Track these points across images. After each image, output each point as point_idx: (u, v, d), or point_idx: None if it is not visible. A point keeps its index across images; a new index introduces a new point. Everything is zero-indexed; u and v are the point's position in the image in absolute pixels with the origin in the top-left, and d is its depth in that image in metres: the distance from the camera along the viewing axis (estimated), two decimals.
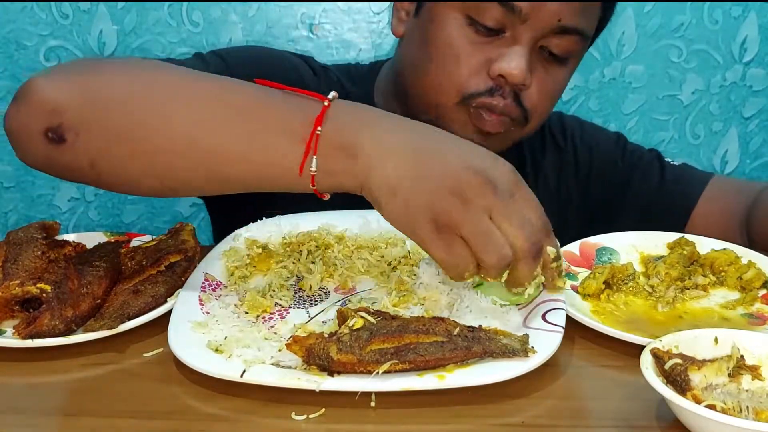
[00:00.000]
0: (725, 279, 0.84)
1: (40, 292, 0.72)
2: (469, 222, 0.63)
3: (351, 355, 0.62)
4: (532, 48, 0.91)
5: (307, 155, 0.67)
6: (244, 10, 1.70)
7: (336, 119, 0.68)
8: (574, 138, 1.17)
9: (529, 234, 0.65)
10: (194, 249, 0.85)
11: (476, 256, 0.64)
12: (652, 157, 1.16)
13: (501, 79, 0.92)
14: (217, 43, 1.71)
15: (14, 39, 1.68)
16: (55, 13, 1.67)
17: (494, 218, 0.64)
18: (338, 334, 0.64)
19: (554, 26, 0.90)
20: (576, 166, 1.16)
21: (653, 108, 1.83)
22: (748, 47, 1.79)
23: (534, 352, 0.64)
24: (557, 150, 1.17)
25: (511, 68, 0.90)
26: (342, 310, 0.68)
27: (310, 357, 0.63)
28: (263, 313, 0.75)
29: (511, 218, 0.64)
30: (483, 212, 0.63)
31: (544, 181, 1.15)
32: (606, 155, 1.16)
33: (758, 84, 1.82)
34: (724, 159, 1.89)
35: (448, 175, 0.64)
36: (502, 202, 0.64)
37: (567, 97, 1.79)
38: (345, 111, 0.69)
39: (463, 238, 0.64)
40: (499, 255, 0.64)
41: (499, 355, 0.64)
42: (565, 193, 1.16)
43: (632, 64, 1.79)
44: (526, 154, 1.15)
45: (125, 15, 1.68)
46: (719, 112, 1.85)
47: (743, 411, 0.57)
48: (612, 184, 1.15)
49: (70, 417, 0.61)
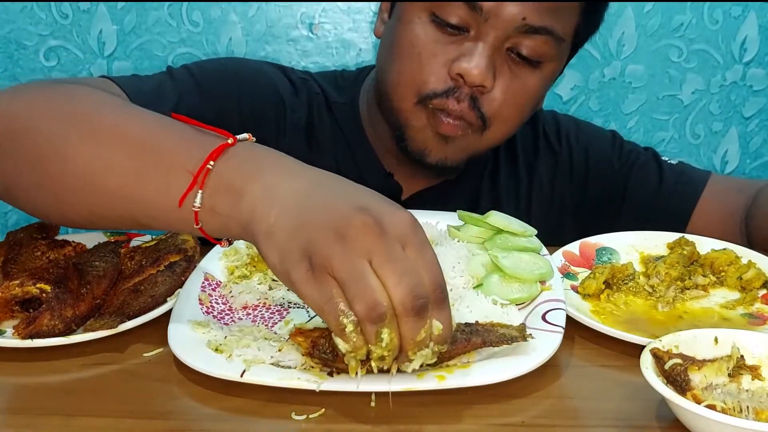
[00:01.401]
0: (725, 279, 0.84)
1: (40, 292, 0.72)
2: (342, 261, 0.54)
3: None
4: (496, 48, 0.89)
5: (192, 187, 0.62)
6: (244, 10, 1.70)
7: (235, 158, 0.63)
8: (569, 140, 1.16)
9: (412, 287, 0.54)
10: (194, 249, 0.85)
11: (347, 301, 0.55)
12: (649, 157, 1.14)
13: (460, 79, 0.90)
14: (216, 43, 1.71)
15: (14, 39, 1.68)
16: (55, 13, 1.67)
17: (374, 263, 0.55)
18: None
19: (519, 25, 0.88)
20: (571, 169, 1.15)
21: (653, 108, 1.83)
22: (748, 47, 1.79)
23: (532, 338, 0.64)
24: (551, 153, 1.15)
25: (470, 67, 0.88)
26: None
27: (314, 350, 0.62)
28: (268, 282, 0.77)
29: (394, 265, 0.55)
30: (361, 254, 0.55)
31: (538, 184, 1.14)
32: (602, 157, 1.15)
33: (758, 84, 1.82)
34: (724, 159, 1.89)
35: (332, 215, 0.56)
36: (385, 247, 0.55)
37: (567, 97, 1.79)
38: (248, 153, 0.64)
39: (336, 280, 0.55)
40: (370, 301, 0.54)
41: (498, 343, 0.64)
42: (560, 196, 1.14)
43: (632, 64, 1.79)
44: (520, 157, 1.14)
45: (125, 15, 1.68)
46: (719, 111, 1.85)
47: (743, 411, 0.57)
48: (609, 187, 1.14)
49: (70, 417, 0.61)
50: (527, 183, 1.13)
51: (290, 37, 1.73)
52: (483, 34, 0.89)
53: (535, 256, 0.80)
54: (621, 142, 1.16)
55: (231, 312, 0.76)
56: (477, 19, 0.88)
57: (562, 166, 1.15)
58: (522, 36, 0.89)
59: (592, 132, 1.19)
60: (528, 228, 0.84)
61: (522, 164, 1.14)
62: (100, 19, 1.68)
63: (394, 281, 0.54)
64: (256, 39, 1.72)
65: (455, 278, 0.77)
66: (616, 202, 1.14)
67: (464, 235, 0.84)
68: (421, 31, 0.91)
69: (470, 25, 0.89)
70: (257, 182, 0.61)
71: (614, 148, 1.15)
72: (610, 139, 1.17)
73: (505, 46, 0.90)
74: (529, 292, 0.75)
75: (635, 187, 1.12)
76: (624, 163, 1.14)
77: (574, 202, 1.15)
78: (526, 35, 0.89)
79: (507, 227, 0.83)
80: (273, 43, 1.72)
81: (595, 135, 1.18)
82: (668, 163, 1.14)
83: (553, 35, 0.90)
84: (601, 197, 1.14)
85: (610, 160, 1.14)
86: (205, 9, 1.69)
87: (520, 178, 1.13)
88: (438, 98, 0.91)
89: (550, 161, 1.14)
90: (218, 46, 1.72)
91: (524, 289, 0.76)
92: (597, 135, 1.18)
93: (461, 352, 0.64)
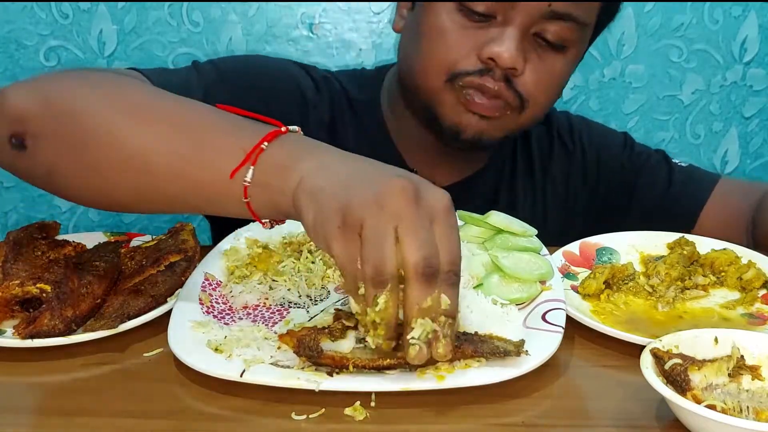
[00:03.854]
0: (725, 279, 0.84)
1: (40, 292, 0.73)
2: (371, 222, 0.57)
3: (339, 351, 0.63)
4: (524, 33, 0.91)
5: (244, 163, 0.65)
6: (244, 9, 1.70)
7: (287, 143, 0.67)
8: (582, 140, 1.17)
9: (427, 255, 0.56)
10: (194, 249, 0.85)
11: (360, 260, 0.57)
12: (659, 158, 1.15)
13: (491, 62, 0.91)
14: (216, 43, 1.71)
15: (14, 39, 1.68)
16: (55, 13, 1.67)
17: (399, 228, 0.57)
18: (330, 328, 0.64)
19: (545, 11, 0.89)
20: (584, 169, 1.16)
21: (653, 108, 1.83)
22: (748, 47, 1.79)
23: (527, 354, 0.63)
24: (565, 153, 1.16)
25: (501, 51, 0.89)
26: (339, 309, 0.68)
27: (300, 348, 0.63)
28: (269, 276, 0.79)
29: (417, 233, 0.56)
30: (390, 219, 0.57)
31: (552, 184, 1.14)
32: (613, 157, 1.16)
33: (758, 84, 1.82)
34: (724, 159, 1.89)
35: (375, 181, 0.59)
36: (415, 215, 0.57)
37: (567, 97, 1.79)
38: (300, 140, 0.68)
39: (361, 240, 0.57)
40: (378, 265, 0.56)
41: (489, 355, 0.63)
42: (573, 195, 1.16)
43: (632, 64, 1.79)
44: (535, 158, 1.15)
45: (125, 15, 1.68)
46: (719, 111, 1.85)
47: (743, 411, 0.57)
48: (619, 187, 1.15)
49: (70, 417, 0.61)
50: (542, 184, 1.14)
51: (290, 37, 1.73)
52: (510, 19, 0.90)
53: (535, 256, 0.80)
54: (632, 144, 1.17)
55: (231, 312, 0.76)
56: (504, 6, 0.89)
57: (576, 167, 1.16)
58: (547, 22, 0.90)
59: (604, 133, 1.20)
60: (528, 228, 0.84)
61: (538, 165, 1.15)
62: (101, 19, 1.68)
63: (412, 247, 0.56)
64: (257, 39, 1.72)
65: None
66: (624, 202, 1.14)
67: (464, 235, 0.84)
68: (448, 18, 0.92)
69: (496, 11, 0.90)
70: (306, 161, 0.64)
71: (626, 149, 1.16)
72: (622, 140, 1.18)
73: (531, 31, 0.91)
74: (529, 292, 0.75)
75: (644, 187, 1.13)
76: (634, 163, 1.15)
77: (585, 200, 1.16)
78: (551, 21, 0.90)
79: (507, 227, 0.83)
80: (273, 43, 1.72)
81: (607, 136, 1.19)
82: (679, 165, 1.14)
83: (577, 21, 0.92)
84: (610, 198, 1.15)
85: (621, 161, 1.15)
86: (205, 9, 1.69)
87: (535, 179, 1.14)
88: (471, 76, 0.92)
89: (565, 162, 1.16)
90: (218, 46, 1.72)
91: (524, 289, 0.76)
92: (609, 136, 1.19)
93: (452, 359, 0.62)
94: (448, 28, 0.92)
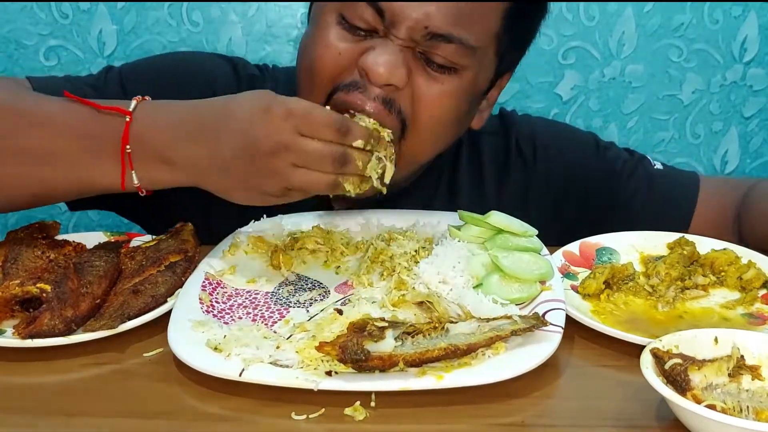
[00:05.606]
0: (725, 279, 0.84)
1: (40, 292, 0.73)
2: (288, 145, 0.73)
3: None
4: (406, 49, 0.85)
5: (125, 172, 0.78)
6: (243, 10, 1.70)
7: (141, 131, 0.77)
8: (547, 154, 1.08)
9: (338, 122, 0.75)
10: (194, 249, 0.85)
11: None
12: (636, 162, 1.08)
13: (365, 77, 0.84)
14: (216, 43, 1.71)
15: (14, 39, 1.68)
16: (55, 13, 1.67)
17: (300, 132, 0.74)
18: (368, 329, 0.64)
19: (423, 33, 0.83)
20: (548, 185, 1.08)
21: (653, 108, 1.83)
22: (748, 47, 1.79)
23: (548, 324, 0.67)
24: (524, 169, 1.08)
25: (377, 63, 0.83)
26: (339, 309, 0.69)
27: (345, 355, 0.62)
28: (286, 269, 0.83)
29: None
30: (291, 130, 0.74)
31: (508, 200, 1.06)
32: (584, 171, 1.08)
33: (758, 84, 1.82)
34: (724, 159, 1.89)
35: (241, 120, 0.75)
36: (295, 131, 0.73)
37: (567, 97, 1.79)
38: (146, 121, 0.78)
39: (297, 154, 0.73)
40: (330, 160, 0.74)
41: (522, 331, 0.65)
42: (536, 208, 1.05)
43: (632, 64, 1.79)
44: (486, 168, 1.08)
45: (125, 15, 1.68)
46: (719, 111, 1.85)
47: (743, 411, 0.57)
48: (593, 200, 1.08)
49: (70, 417, 0.61)
50: (496, 196, 1.07)
51: (290, 37, 1.73)
52: (389, 35, 0.85)
53: (535, 256, 0.80)
54: (604, 149, 1.11)
55: (231, 311, 0.76)
56: (383, 23, 0.85)
57: (537, 181, 1.08)
58: (429, 43, 0.85)
59: (572, 143, 1.11)
60: (528, 228, 0.84)
61: (489, 177, 1.08)
62: (100, 18, 1.68)
63: None
64: (256, 39, 1.72)
65: (455, 278, 0.77)
66: (600, 214, 1.07)
67: (464, 235, 0.84)
68: (330, 31, 0.87)
69: (377, 29, 0.85)
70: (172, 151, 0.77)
71: (598, 157, 1.10)
72: (593, 146, 1.11)
73: (418, 50, 0.86)
74: (529, 292, 0.75)
75: (624, 199, 1.07)
76: (610, 171, 1.08)
77: (552, 215, 1.07)
78: (433, 42, 0.85)
79: (507, 227, 0.83)
80: (273, 43, 1.72)
81: (576, 143, 1.11)
82: (657, 168, 1.09)
83: (463, 43, 0.85)
84: (584, 210, 1.08)
85: (594, 169, 1.09)
86: (205, 9, 1.69)
87: (485, 192, 1.07)
88: (348, 94, 0.85)
89: (522, 177, 1.08)
90: (218, 46, 1.72)
91: (524, 289, 0.76)
92: (578, 143, 1.11)
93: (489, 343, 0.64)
94: (328, 41, 0.86)
